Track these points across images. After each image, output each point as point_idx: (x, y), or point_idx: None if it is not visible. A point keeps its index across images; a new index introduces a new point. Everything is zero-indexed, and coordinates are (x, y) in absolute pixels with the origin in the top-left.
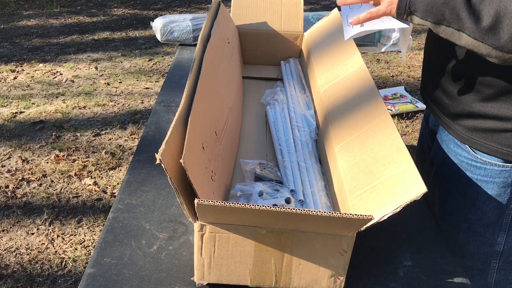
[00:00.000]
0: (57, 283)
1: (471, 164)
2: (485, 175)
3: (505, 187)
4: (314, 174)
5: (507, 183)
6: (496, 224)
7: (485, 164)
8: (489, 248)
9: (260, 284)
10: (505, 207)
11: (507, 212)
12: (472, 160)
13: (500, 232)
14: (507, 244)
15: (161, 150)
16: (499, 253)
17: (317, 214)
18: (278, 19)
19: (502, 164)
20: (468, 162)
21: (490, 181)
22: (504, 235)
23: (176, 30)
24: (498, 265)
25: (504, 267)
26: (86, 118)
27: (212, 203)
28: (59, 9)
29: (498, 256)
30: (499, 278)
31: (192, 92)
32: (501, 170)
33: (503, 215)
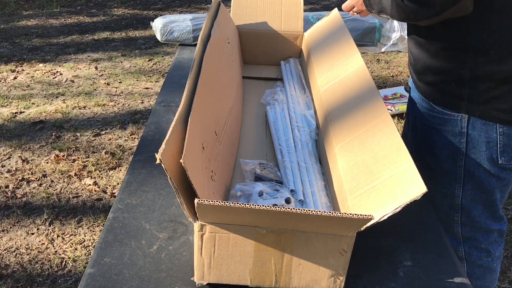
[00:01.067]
0: (57, 283)
1: (430, 115)
2: (439, 124)
3: (455, 136)
4: (314, 174)
5: (455, 132)
6: (451, 173)
7: (440, 114)
8: (450, 200)
9: (260, 284)
10: (456, 157)
11: (459, 163)
12: (431, 111)
13: (456, 183)
14: (465, 199)
15: (161, 150)
16: (459, 206)
17: (317, 214)
18: (278, 19)
19: (450, 113)
20: (429, 112)
21: (444, 130)
22: (460, 188)
23: (176, 30)
24: (460, 219)
25: (467, 223)
26: (86, 118)
27: (212, 203)
28: (59, 9)
29: (459, 210)
30: (467, 235)
31: (192, 92)
32: (451, 119)
33: (455, 165)
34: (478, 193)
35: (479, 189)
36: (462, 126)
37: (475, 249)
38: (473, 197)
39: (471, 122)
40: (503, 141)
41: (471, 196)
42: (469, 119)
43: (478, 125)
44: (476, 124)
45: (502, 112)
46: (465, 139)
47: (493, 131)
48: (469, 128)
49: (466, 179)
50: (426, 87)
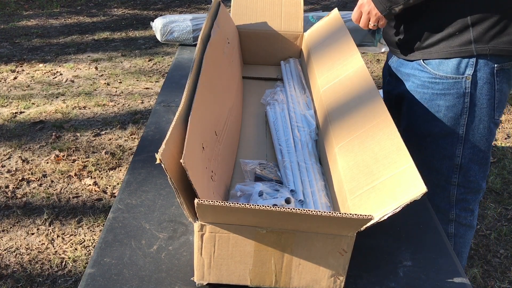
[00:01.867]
0: (57, 283)
1: (431, 81)
2: (443, 88)
3: (459, 98)
4: (314, 174)
5: (460, 93)
6: (453, 134)
7: (442, 79)
8: (449, 161)
9: (260, 284)
10: (460, 117)
11: (461, 123)
12: (431, 78)
13: (457, 143)
14: (464, 158)
15: (161, 150)
16: (458, 166)
17: (317, 214)
18: (278, 19)
19: (454, 76)
20: (429, 80)
21: (447, 93)
22: (461, 148)
23: (176, 30)
24: (458, 180)
25: (463, 184)
26: (86, 118)
27: (212, 203)
28: (59, 9)
29: (457, 171)
30: (459, 197)
31: (192, 92)
32: (454, 82)
33: (458, 125)
34: (476, 151)
35: (477, 147)
36: (466, 87)
37: (464, 210)
38: (472, 156)
39: (473, 82)
40: (498, 97)
41: (469, 155)
42: (472, 79)
43: (480, 83)
44: (479, 82)
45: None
46: (468, 99)
47: (492, 88)
48: (472, 88)
49: (467, 138)
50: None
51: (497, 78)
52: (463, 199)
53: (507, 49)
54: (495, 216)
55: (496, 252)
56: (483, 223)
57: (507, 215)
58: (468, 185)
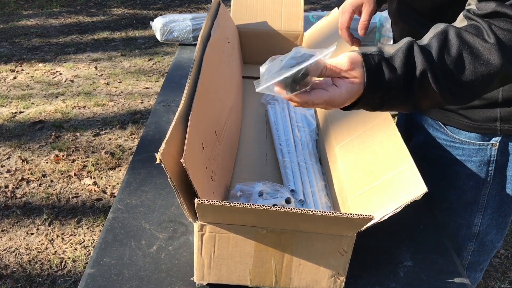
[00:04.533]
0: (57, 283)
1: (449, 145)
2: (463, 155)
3: (482, 166)
4: (314, 174)
5: (484, 161)
6: (473, 204)
7: (463, 144)
8: (466, 230)
9: (260, 284)
10: (482, 186)
11: (483, 192)
12: (450, 142)
13: (477, 212)
14: (482, 226)
15: (161, 150)
16: (475, 235)
17: (317, 214)
18: (278, 18)
19: (478, 142)
20: (447, 143)
21: (468, 160)
22: (480, 216)
23: (176, 30)
24: (473, 247)
25: (478, 249)
26: (85, 118)
27: (212, 202)
28: (59, 9)
29: (474, 239)
30: (472, 260)
31: (192, 92)
32: (478, 149)
33: (479, 194)
34: (496, 217)
35: (498, 213)
36: (492, 154)
37: (474, 271)
38: (490, 222)
39: (500, 148)
40: None
41: (488, 222)
42: (500, 146)
43: (508, 149)
44: (506, 148)
45: None
46: (493, 166)
47: None
48: (498, 155)
49: (487, 206)
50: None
51: None
52: (476, 261)
53: None
54: None
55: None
56: None
57: None
58: (483, 248)
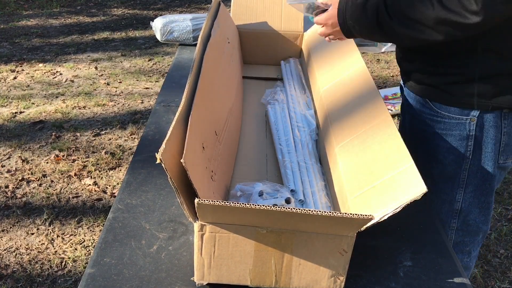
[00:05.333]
0: (57, 283)
1: (432, 120)
2: (444, 129)
3: (462, 140)
4: (314, 174)
5: (463, 136)
6: (454, 178)
7: (444, 118)
8: (449, 206)
9: (260, 284)
10: (462, 160)
11: (463, 167)
12: (433, 116)
13: (458, 188)
14: (464, 203)
15: (161, 150)
16: (458, 211)
17: (317, 214)
18: (278, 19)
19: (458, 117)
20: (430, 118)
21: (448, 134)
22: (461, 193)
23: (176, 30)
24: (456, 225)
25: (462, 227)
26: (86, 118)
27: (212, 202)
28: (59, 9)
29: (457, 216)
30: (457, 240)
31: (192, 92)
32: (457, 123)
33: (460, 169)
34: (477, 195)
35: (479, 191)
36: (470, 129)
37: (460, 253)
38: (472, 200)
39: (478, 124)
40: (505, 140)
41: (470, 199)
42: (478, 121)
43: (486, 126)
44: (485, 125)
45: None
46: (472, 141)
47: (499, 131)
48: (477, 130)
49: (468, 182)
50: (428, 89)
51: (505, 121)
52: (461, 241)
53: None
54: (495, 216)
55: (496, 252)
56: None
57: (507, 215)
58: (466, 228)
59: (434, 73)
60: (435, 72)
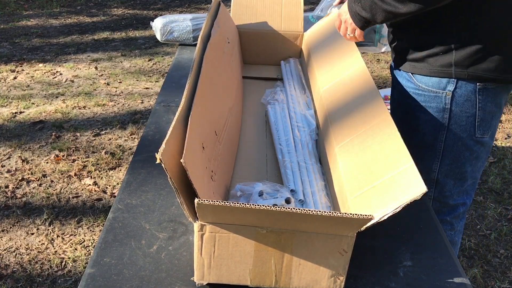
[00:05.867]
0: (57, 283)
1: (415, 93)
2: (424, 101)
3: (439, 112)
4: (314, 174)
5: (440, 108)
6: (432, 148)
7: (424, 91)
8: (426, 175)
9: (260, 284)
10: (438, 132)
11: (439, 138)
12: (416, 89)
13: (434, 158)
14: (440, 174)
15: (161, 150)
16: (434, 181)
17: (317, 214)
18: (278, 19)
19: (436, 90)
20: (413, 91)
21: (428, 106)
22: (438, 163)
23: (176, 30)
24: (433, 195)
25: (438, 198)
26: (86, 118)
27: (212, 202)
28: (59, 9)
29: (434, 185)
30: (436, 209)
31: (192, 92)
32: (435, 96)
33: (436, 140)
34: (453, 167)
35: (454, 163)
36: (446, 102)
37: (442, 223)
38: (448, 172)
39: (454, 99)
40: (480, 115)
41: (446, 171)
42: (453, 95)
43: (461, 100)
44: (459, 99)
45: (488, 72)
46: (448, 114)
47: (473, 106)
48: (452, 104)
49: (444, 153)
50: (412, 64)
51: (479, 96)
52: (439, 211)
53: (485, 76)
54: (495, 216)
55: (496, 252)
56: (483, 223)
57: (507, 215)
58: (443, 200)
59: (417, 47)
60: (418, 46)
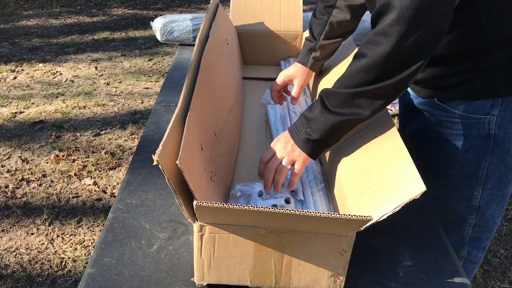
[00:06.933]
0: (57, 283)
1: (449, 121)
2: (462, 129)
3: (481, 139)
4: (314, 174)
5: (482, 135)
6: (473, 176)
7: (462, 119)
8: (467, 202)
9: (260, 285)
10: (481, 159)
11: (482, 165)
12: (450, 117)
13: (476, 185)
14: (482, 199)
15: (158, 152)
16: (476, 208)
17: (316, 215)
18: (277, 19)
19: (477, 116)
20: (447, 119)
21: (467, 134)
22: (480, 189)
23: (176, 30)
24: (474, 221)
25: (480, 223)
26: (86, 118)
27: (210, 204)
28: (59, 9)
29: (475, 212)
30: (474, 235)
31: (189, 93)
32: (476, 122)
33: (479, 167)
34: (495, 191)
35: (497, 186)
36: (489, 128)
37: (476, 249)
38: (491, 196)
39: (498, 122)
40: None
41: (488, 196)
42: (497, 120)
43: (505, 122)
44: (504, 122)
45: None
46: (492, 140)
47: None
48: (496, 128)
49: (487, 179)
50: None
51: None
52: (478, 237)
53: None
54: None
55: (496, 252)
56: None
57: (507, 215)
58: (484, 224)
59: (450, 75)
60: (451, 74)
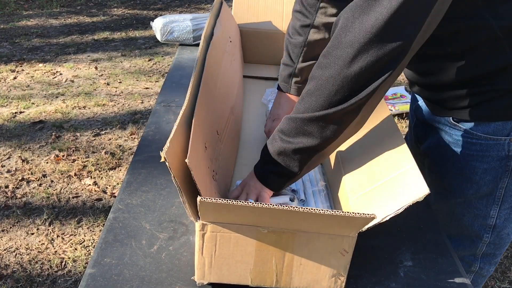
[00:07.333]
0: (57, 283)
1: (467, 142)
2: (480, 150)
3: (499, 160)
4: (315, 174)
5: (501, 156)
6: (490, 196)
7: (480, 140)
8: (482, 220)
9: (261, 284)
10: (498, 180)
11: (500, 185)
12: (467, 137)
13: (493, 205)
14: (499, 219)
15: (166, 148)
16: (492, 227)
17: (319, 213)
18: (279, 18)
19: (496, 137)
20: (464, 140)
21: (485, 155)
22: (496, 209)
23: (176, 30)
24: (489, 239)
25: (495, 241)
26: (86, 118)
27: (214, 200)
28: (59, 9)
29: (490, 230)
30: (487, 252)
31: (196, 91)
32: (495, 144)
33: (496, 188)
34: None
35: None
36: (509, 149)
37: (488, 264)
38: (508, 216)
39: None
40: None
41: (505, 215)
42: None
43: None
44: None
45: None
46: (511, 161)
47: None
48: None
49: (504, 199)
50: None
51: None
52: (492, 254)
53: None
54: None
55: None
56: None
57: None
58: (499, 241)
59: (469, 96)
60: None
